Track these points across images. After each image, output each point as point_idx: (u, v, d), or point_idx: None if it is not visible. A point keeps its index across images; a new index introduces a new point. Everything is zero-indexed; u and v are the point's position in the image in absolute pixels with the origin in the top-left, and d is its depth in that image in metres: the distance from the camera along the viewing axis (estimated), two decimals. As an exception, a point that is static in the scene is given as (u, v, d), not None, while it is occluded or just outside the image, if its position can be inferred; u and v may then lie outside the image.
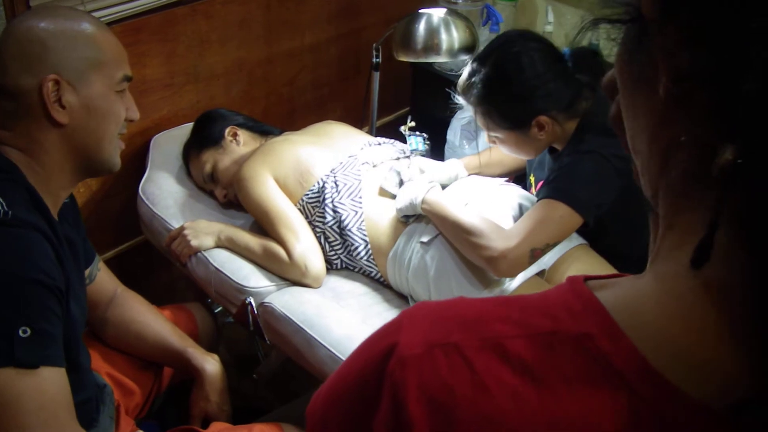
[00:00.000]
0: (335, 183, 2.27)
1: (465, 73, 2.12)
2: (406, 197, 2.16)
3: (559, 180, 1.99)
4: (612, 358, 0.57)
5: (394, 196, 2.25)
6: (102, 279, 1.99)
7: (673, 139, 0.56)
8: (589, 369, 0.57)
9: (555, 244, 1.96)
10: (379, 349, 0.65)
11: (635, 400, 0.56)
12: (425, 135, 2.52)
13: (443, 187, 2.26)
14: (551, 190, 1.97)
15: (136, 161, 2.57)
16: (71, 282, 1.55)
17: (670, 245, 0.60)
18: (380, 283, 2.29)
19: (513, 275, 2.00)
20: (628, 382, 0.56)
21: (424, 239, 2.11)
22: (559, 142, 2.11)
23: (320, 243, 2.26)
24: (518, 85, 2.00)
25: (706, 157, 0.53)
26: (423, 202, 2.11)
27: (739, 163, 0.50)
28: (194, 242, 2.26)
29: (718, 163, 0.51)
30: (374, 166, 2.36)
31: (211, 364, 1.99)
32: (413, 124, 2.53)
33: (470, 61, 2.13)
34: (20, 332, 1.37)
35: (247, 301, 2.19)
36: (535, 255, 1.93)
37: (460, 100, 2.18)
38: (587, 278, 0.64)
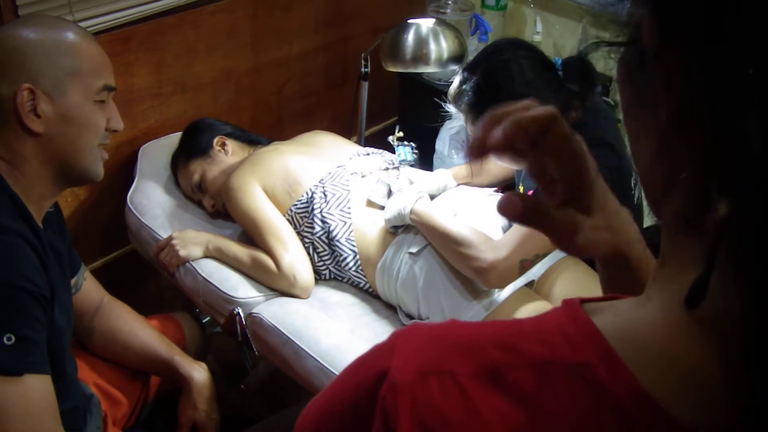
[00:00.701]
0: (324, 193, 2.27)
1: (456, 81, 2.12)
2: (394, 208, 2.16)
3: None
4: (610, 386, 0.56)
5: (382, 207, 2.24)
6: (88, 288, 1.98)
7: (673, 169, 0.55)
8: (586, 397, 0.56)
9: (544, 255, 1.96)
10: (372, 372, 0.64)
11: (634, 430, 0.55)
12: (413, 145, 2.52)
13: (432, 197, 2.26)
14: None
15: (124, 171, 2.56)
16: (56, 290, 1.54)
17: (668, 274, 0.59)
18: (369, 294, 2.29)
19: (502, 286, 2.00)
20: (627, 411, 0.55)
21: (413, 250, 2.11)
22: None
23: (309, 253, 2.26)
24: (507, 92, 2.01)
25: (701, 203, 0.52)
26: (411, 212, 2.11)
27: (734, 218, 0.49)
28: (182, 252, 2.25)
29: (713, 218, 0.50)
30: (363, 177, 2.36)
31: (198, 372, 1.98)
32: (401, 134, 2.53)
33: (461, 70, 2.14)
34: (4, 339, 1.37)
35: (235, 312, 2.19)
36: (525, 266, 1.93)
37: (450, 108, 2.18)
38: (584, 301, 0.63)
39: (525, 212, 0.71)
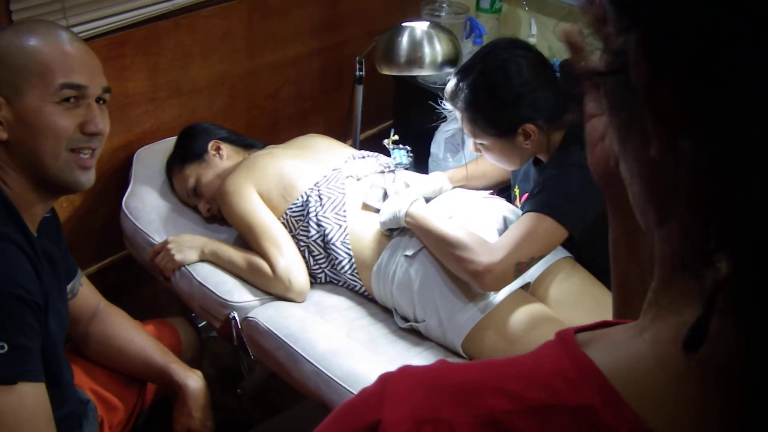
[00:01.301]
0: (319, 197, 2.27)
1: (453, 78, 2.12)
2: (389, 211, 2.16)
3: (545, 193, 1.99)
4: (616, 430, 0.53)
5: (377, 211, 2.24)
6: (84, 294, 1.98)
7: (668, 203, 0.52)
8: None
9: (540, 258, 1.97)
10: (363, 423, 0.61)
11: None
12: (409, 148, 2.52)
13: (427, 200, 2.26)
14: (537, 204, 1.97)
15: (119, 175, 2.56)
16: (50, 296, 1.54)
17: (662, 309, 0.56)
18: (364, 297, 2.29)
19: (498, 289, 2.00)
20: None
21: (409, 253, 2.11)
22: (545, 153, 2.11)
23: (304, 257, 2.26)
24: (505, 91, 2.01)
25: (699, 253, 0.49)
26: (406, 215, 2.11)
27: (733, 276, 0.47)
28: (178, 257, 2.25)
29: (713, 277, 0.48)
30: (358, 180, 2.36)
31: (193, 380, 1.98)
32: (396, 137, 2.53)
33: (458, 68, 2.14)
34: None
35: (230, 316, 2.18)
36: (520, 269, 1.93)
37: (447, 106, 2.19)
38: (577, 330, 0.61)
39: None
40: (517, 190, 2.37)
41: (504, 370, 0.60)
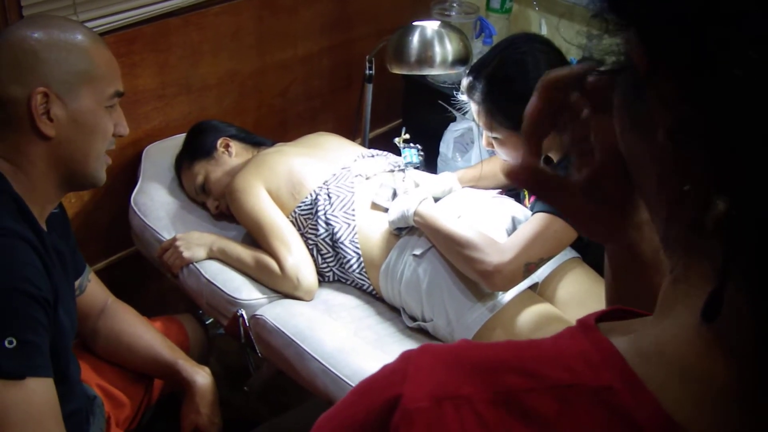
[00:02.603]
0: (328, 195, 2.26)
1: (470, 71, 2.12)
2: (398, 209, 2.16)
3: None
4: (634, 413, 0.54)
5: (386, 210, 2.24)
6: (93, 290, 1.98)
7: (678, 188, 0.54)
8: (610, 424, 0.54)
9: (549, 258, 1.96)
10: (383, 399, 0.61)
11: None
12: (419, 147, 2.52)
13: (436, 200, 2.26)
14: (546, 204, 1.96)
15: (128, 172, 2.56)
16: (59, 292, 1.54)
17: (682, 293, 0.57)
18: (372, 296, 2.29)
19: (507, 289, 1.99)
20: None
21: (417, 252, 2.10)
22: (556, 151, 2.10)
23: (312, 255, 2.26)
24: (521, 84, 1.99)
25: (706, 210, 0.51)
26: (415, 214, 2.11)
27: (734, 216, 0.49)
28: (186, 254, 2.25)
29: (712, 216, 0.50)
30: (367, 178, 2.36)
31: (201, 377, 1.98)
32: (407, 136, 2.52)
33: (477, 61, 2.13)
34: (6, 343, 1.36)
35: (238, 314, 2.18)
36: (530, 269, 1.93)
37: (462, 98, 2.18)
38: (597, 319, 0.62)
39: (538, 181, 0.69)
40: (526, 191, 2.37)
41: (525, 351, 0.60)
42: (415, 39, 2.44)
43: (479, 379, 0.59)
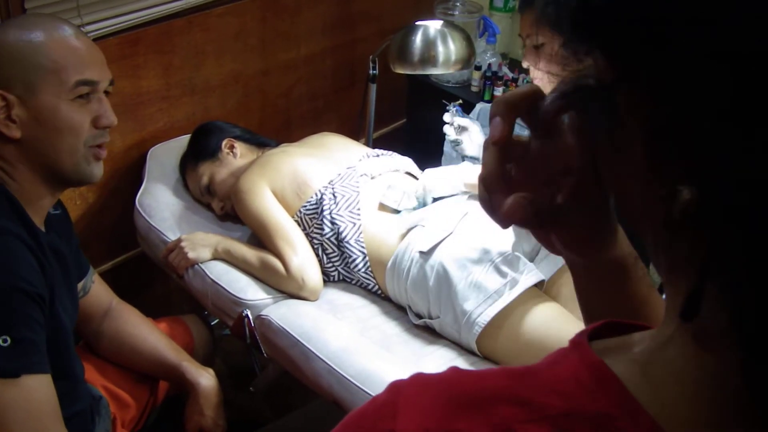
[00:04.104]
0: (333, 195, 2.26)
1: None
2: (441, 177, 2.27)
3: None
4: None
5: (394, 211, 2.24)
6: (97, 291, 1.98)
7: (657, 195, 0.53)
8: None
9: None
10: None
11: None
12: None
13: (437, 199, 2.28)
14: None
15: (133, 173, 2.56)
16: (56, 290, 1.54)
17: (669, 305, 0.57)
18: (378, 296, 2.29)
19: None
20: None
21: (424, 249, 2.10)
22: None
23: (318, 255, 2.26)
24: None
25: (684, 210, 0.51)
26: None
27: (701, 207, 0.49)
28: (191, 254, 2.25)
29: (678, 206, 0.49)
30: (372, 178, 2.36)
31: (205, 379, 1.98)
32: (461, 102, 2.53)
33: None
34: (0, 342, 1.36)
35: (244, 314, 2.19)
36: None
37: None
38: (588, 333, 0.61)
39: (534, 217, 0.68)
40: None
41: (518, 379, 0.59)
42: (419, 39, 2.44)
43: (473, 411, 0.57)
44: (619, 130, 0.55)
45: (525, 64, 2.25)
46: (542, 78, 2.23)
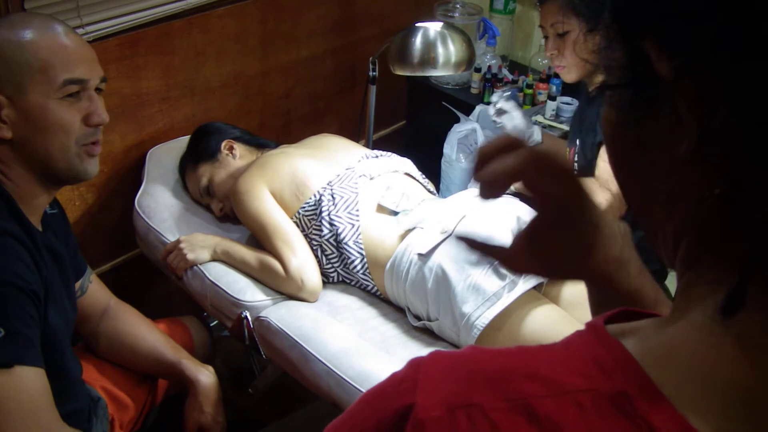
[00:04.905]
0: (332, 196, 2.26)
1: None
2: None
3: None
4: (650, 418, 0.53)
5: (393, 213, 2.24)
6: (94, 291, 1.98)
7: (696, 196, 0.54)
8: (627, 430, 0.53)
9: None
10: (394, 408, 0.60)
11: None
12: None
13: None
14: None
15: (132, 174, 2.56)
16: (50, 288, 1.54)
17: (697, 295, 0.57)
18: (377, 297, 2.29)
19: None
20: None
21: (422, 251, 2.10)
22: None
23: (317, 256, 2.26)
24: None
25: (730, 211, 0.52)
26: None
27: (741, 207, 0.49)
28: (190, 256, 2.25)
29: (715, 205, 0.50)
30: (371, 179, 2.36)
31: (205, 375, 1.98)
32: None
33: None
34: None
35: (243, 315, 2.19)
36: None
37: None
38: (604, 319, 0.61)
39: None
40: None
41: (536, 357, 0.60)
42: (418, 40, 2.44)
43: (491, 386, 0.58)
44: (661, 126, 0.55)
45: (548, 53, 2.34)
46: (568, 65, 2.31)
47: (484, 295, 2.01)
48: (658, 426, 0.52)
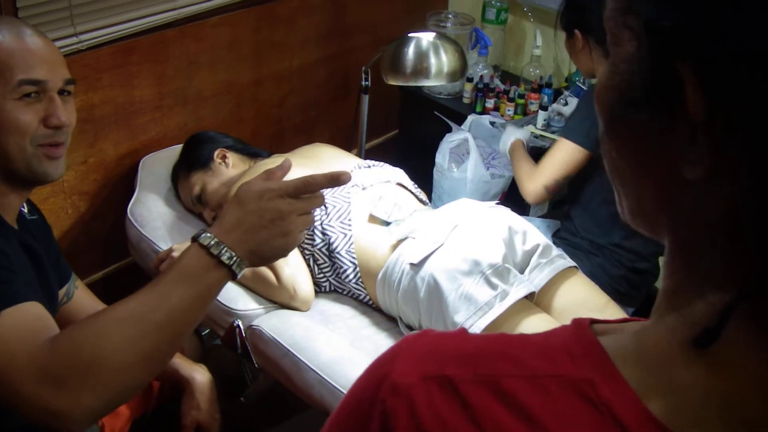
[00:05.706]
0: (324, 205, 2.26)
1: None
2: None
3: (570, 118, 2.46)
4: (614, 405, 0.55)
5: (385, 223, 2.25)
6: (80, 297, 1.97)
7: (699, 213, 0.55)
8: (589, 416, 0.55)
9: (565, 179, 2.39)
10: (375, 376, 0.63)
11: None
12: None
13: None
14: (562, 130, 2.49)
15: (125, 183, 2.57)
16: (23, 275, 1.53)
17: (677, 303, 0.59)
18: (369, 306, 2.29)
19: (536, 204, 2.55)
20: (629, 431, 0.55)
21: (414, 260, 2.11)
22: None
23: (309, 265, 2.26)
24: None
25: (732, 232, 0.54)
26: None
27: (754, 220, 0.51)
28: (182, 264, 2.25)
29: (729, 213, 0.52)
30: (364, 189, 2.36)
31: (200, 374, 1.98)
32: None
33: None
34: None
35: (235, 324, 2.19)
36: (550, 190, 2.40)
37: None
38: (594, 321, 0.63)
39: None
40: None
41: (514, 341, 0.63)
42: (411, 50, 2.45)
43: (465, 362, 0.61)
44: (666, 149, 0.55)
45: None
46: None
47: (476, 305, 2.01)
48: (621, 413, 0.55)
